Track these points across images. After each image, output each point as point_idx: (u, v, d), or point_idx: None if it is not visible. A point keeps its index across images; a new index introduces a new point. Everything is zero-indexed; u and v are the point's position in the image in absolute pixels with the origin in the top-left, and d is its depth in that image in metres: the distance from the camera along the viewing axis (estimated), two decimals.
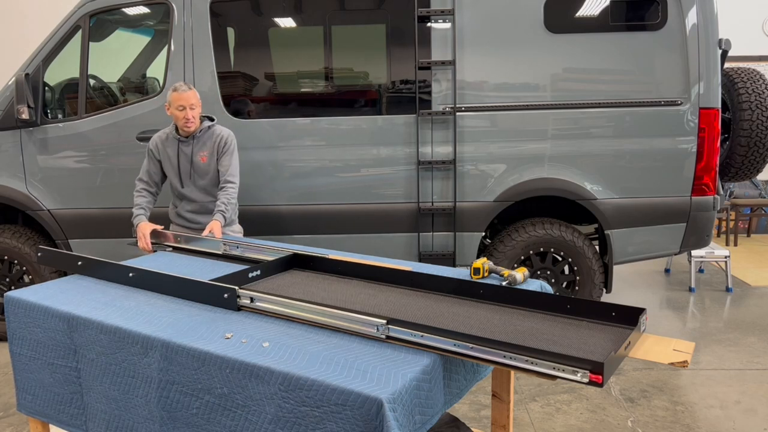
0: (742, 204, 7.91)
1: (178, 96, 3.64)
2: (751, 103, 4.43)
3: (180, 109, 3.65)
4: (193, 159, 3.78)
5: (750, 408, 3.61)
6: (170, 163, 3.82)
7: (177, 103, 3.64)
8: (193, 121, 3.69)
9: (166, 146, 3.81)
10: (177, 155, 3.79)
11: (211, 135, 3.81)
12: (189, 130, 3.71)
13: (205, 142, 3.79)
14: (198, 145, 3.78)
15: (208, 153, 3.78)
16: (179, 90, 3.65)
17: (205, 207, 3.84)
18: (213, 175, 3.81)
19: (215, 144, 3.79)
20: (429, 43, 4.27)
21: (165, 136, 3.84)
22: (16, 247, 4.58)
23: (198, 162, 3.79)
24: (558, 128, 4.29)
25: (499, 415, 2.70)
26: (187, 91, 3.64)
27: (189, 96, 3.64)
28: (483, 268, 2.63)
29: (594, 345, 1.97)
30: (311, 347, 1.92)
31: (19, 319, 2.45)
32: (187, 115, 3.65)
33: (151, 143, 3.84)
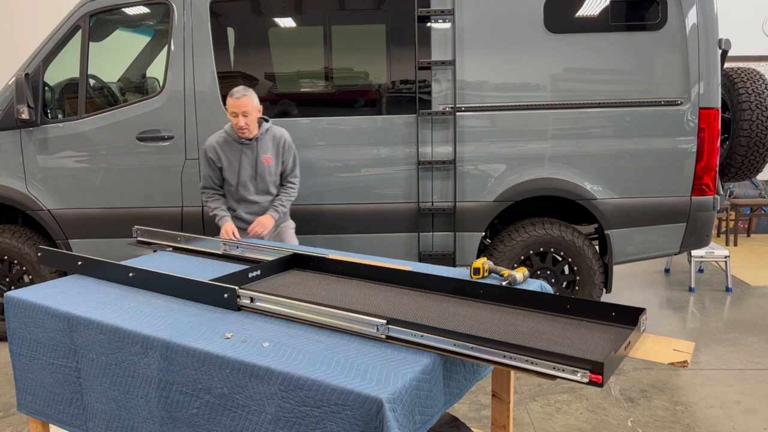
0: (742, 204, 7.91)
1: (232, 102, 3.56)
2: (751, 103, 4.43)
3: (233, 115, 3.59)
4: (257, 162, 3.74)
5: (750, 408, 3.61)
6: (232, 167, 3.74)
7: (231, 110, 3.58)
8: (246, 129, 3.62)
9: (226, 150, 3.72)
10: (240, 159, 3.72)
11: (271, 136, 3.78)
12: (243, 136, 3.66)
13: (267, 143, 3.76)
14: (262, 148, 3.74)
15: (273, 154, 3.77)
16: (234, 95, 3.55)
17: (264, 209, 3.83)
18: (276, 176, 3.83)
19: (278, 145, 3.79)
20: (429, 43, 4.27)
21: (222, 139, 3.74)
22: (16, 247, 4.58)
23: (263, 164, 3.75)
24: (558, 128, 4.29)
25: (499, 415, 2.70)
26: (242, 98, 3.54)
27: (242, 103, 3.54)
28: (483, 268, 2.63)
29: (594, 345, 1.97)
30: (311, 347, 1.92)
31: (19, 319, 2.45)
32: (240, 122, 3.58)
33: (208, 151, 3.75)
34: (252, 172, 3.75)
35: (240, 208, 3.82)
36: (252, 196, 3.79)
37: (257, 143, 3.73)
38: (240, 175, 3.74)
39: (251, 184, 3.77)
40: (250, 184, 3.77)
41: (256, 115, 3.65)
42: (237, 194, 3.80)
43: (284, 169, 3.87)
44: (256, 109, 3.64)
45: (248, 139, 3.71)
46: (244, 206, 3.82)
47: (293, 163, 3.89)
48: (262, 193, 3.82)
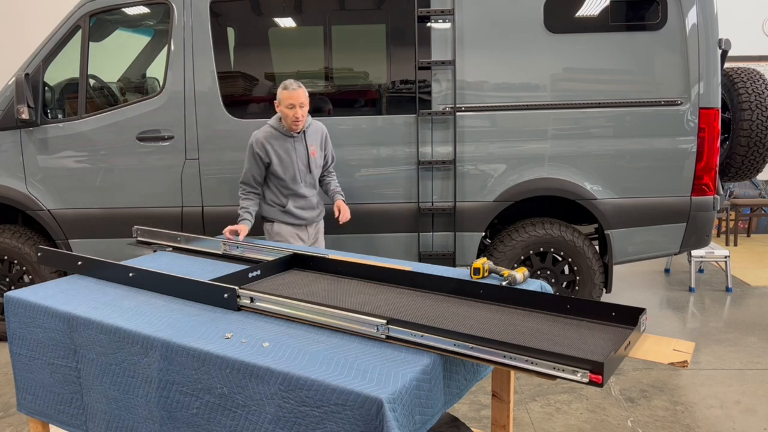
0: (742, 204, 7.91)
1: (288, 94, 3.55)
2: (751, 103, 4.43)
3: (290, 107, 3.57)
4: (307, 155, 3.75)
5: (750, 408, 3.61)
6: (282, 162, 3.70)
7: (287, 102, 3.56)
8: (302, 120, 3.62)
9: (275, 145, 3.68)
10: (290, 152, 3.70)
11: (315, 129, 3.81)
12: (297, 128, 3.64)
13: (313, 135, 3.78)
14: (309, 140, 3.76)
15: (318, 146, 3.80)
16: (289, 88, 3.55)
17: (311, 202, 3.84)
18: (320, 168, 3.86)
19: (321, 137, 3.82)
20: (429, 43, 4.27)
21: (270, 134, 3.69)
22: (16, 247, 4.58)
23: (311, 157, 3.76)
24: (558, 128, 4.29)
25: (499, 415, 2.70)
26: (297, 90, 3.55)
27: (299, 94, 3.55)
28: (483, 268, 2.63)
29: (594, 345, 1.97)
30: (311, 347, 1.92)
31: (19, 319, 2.45)
32: (297, 113, 3.57)
33: (255, 146, 3.67)
34: (301, 165, 3.74)
35: (290, 203, 3.79)
36: (302, 190, 3.77)
37: (304, 136, 3.74)
38: (290, 168, 3.72)
39: (300, 177, 3.75)
40: (300, 178, 3.75)
41: (308, 106, 3.65)
42: (287, 189, 3.77)
43: (326, 162, 3.92)
44: (308, 100, 3.65)
45: (296, 132, 3.70)
46: (293, 201, 3.79)
47: (333, 154, 3.96)
48: (310, 187, 3.82)
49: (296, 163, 3.72)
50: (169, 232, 3.29)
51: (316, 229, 3.96)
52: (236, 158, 4.38)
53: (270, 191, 3.82)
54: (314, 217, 3.89)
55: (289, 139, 3.70)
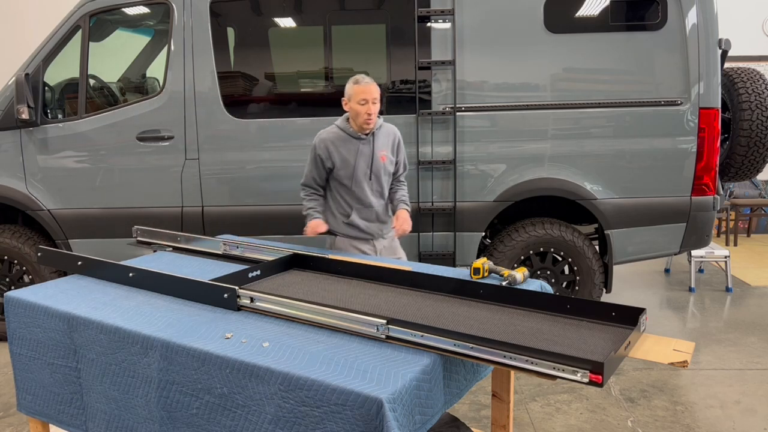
0: (742, 204, 7.91)
1: (360, 89, 3.22)
2: (751, 103, 4.43)
3: (362, 103, 3.22)
4: (374, 159, 3.37)
5: (750, 408, 3.61)
6: (347, 165, 3.34)
7: (359, 97, 3.22)
8: (374, 118, 3.28)
9: (340, 147, 3.33)
10: (356, 155, 3.34)
11: (386, 131, 3.44)
12: (369, 127, 3.29)
13: (382, 138, 3.41)
14: (378, 144, 3.38)
15: (388, 151, 3.43)
16: (361, 83, 3.23)
17: (376, 213, 3.44)
18: (389, 176, 3.46)
19: (392, 141, 3.46)
20: (429, 43, 4.27)
21: (335, 135, 3.36)
22: (16, 247, 4.58)
23: (379, 162, 3.38)
24: (558, 128, 4.29)
25: (499, 415, 2.70)
26: (370, 84, 3.23)
27: (372, 89, 3.22)
28: (483, 268, 2.63)
29: (594, 345, 1.97)
30: (311, 347, 1.92)
31: (19, 319, 2.45)
32: (370, 110, 3.23)
33: (319, 148, 3.35)
34: (367, 170, 3.37)
35: (354, 212, 3.40)
36: (367, 198, 3.39)
37: (373, 138, 3.37)
38: (355, 173, 3.35)
39: (366, 184, 3.37)
40: (366, 185, 3.38)
41: (379, 103, 3.31)
42: (352, 197, 3.39)
43: (397, 169, 3.52)
44: (379, 96, 3.30)
45: (365, 134, 3.35)
46: (357, 211, 3.40)
47: (405, 162, 3.57)
48: (377, 195, 3.43)
49: (363, 168, 3.35)
50: (169, 232, 3.29)
51: (385, 245, 3.51)
52: (236, 158, 4.38)
53: (333, 200, 3.45)
54: (381, 231, 3.47)
55: (357, 141, 3.34)
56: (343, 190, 3.39)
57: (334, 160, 3.34)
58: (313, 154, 3.39)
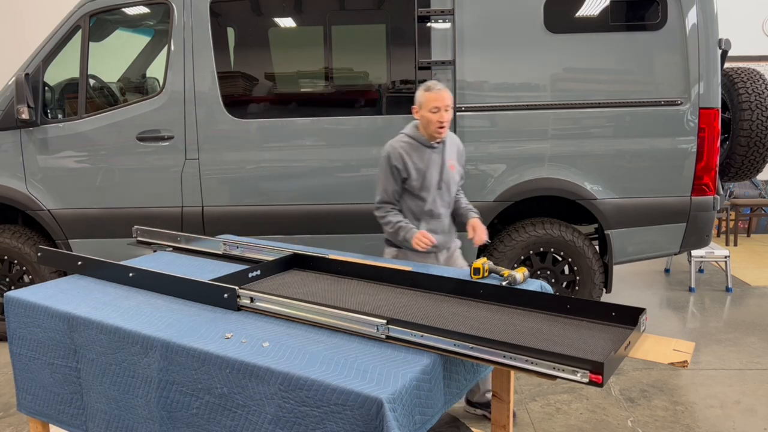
0: (742, 204, 7.91)
1: (432, 96, 3.09)
2: (751, 103, 4.43)
3: (434, 111, 3.10)
4: (444, 168, 3.25)
5: (750, 408, 3.61)
6: (420, 175, 3.20)
7: (431, 105, 3.09)
8: (446, 127, 3.14)
9: (413, 157, 3.19)
10: (428, 165, 3.21)
11: (452, 140, 3.34)
12: (440, 135, 3.16)
13: (451, 147, 3.31)
14: (447, 152, 3.27)
15: (455, 160, 3.32)
16: (433, 90, 3.10)
17: (445, 225, 3.32)
18: (457, 186, 3.35)
19: (457, 150, 3.36)
20: (429, 43, 4.27)
21: (407, 145, 3.21)
22: (16, 247, 4.58)
23: (449, 171, 3.27)
24: (558, 128, 4.29)
25: (499, 415, 2.70)
26: (442, 91, 3.10)
27: (444, 96, 3.09)
28: (483, 268, 2.63)
29: (594, 345, 1.97)
30: (311, 347, 1.92)
31: (19, 319, 2.45)
32: (442, 117, 3.10)
33: (393, 158, 3.18)
34: (439, 180, 3.24)
35: (423, 225, 3.26)
36: (437, 209, 3.26)
37: (443, 147, 3.26)
38: (428, 183, 3.22)
39: (437, 194, 3.25)
40: (437, 195, 3.25)
41: (452, 111, 3.18)
42: (423, 209, 3.25)
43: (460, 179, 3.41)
44: (452, 104, 3.17)
45: (439, 141, 3.22)
46: (427, 223, 3.27)
47: (463, 172, 3.44)
48: (446, 206, 3.31)
49: (435, 178, 3.23)
50: (169, 232, 3.29)
51: (448, 255, 3.39)
52: (236, 158, 4.38)
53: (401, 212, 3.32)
54: (447, 242, 3.36)
55: (428, 150, 3.22)
56: (413, 201, 3.25)
57: (408, 171, 3.19)
58: (387, 166, 3.21)
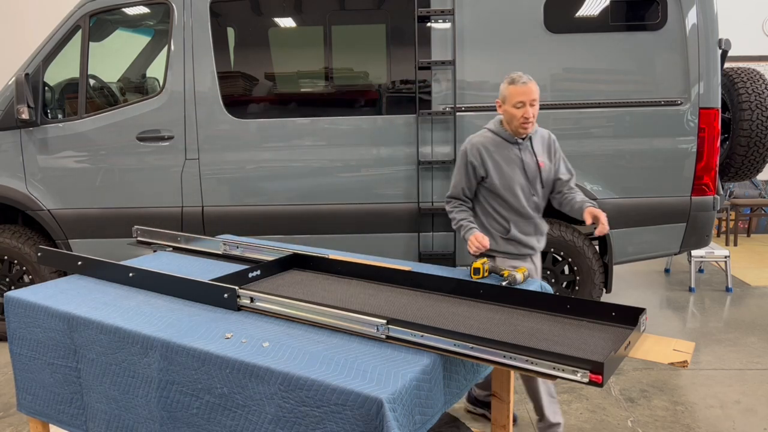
0: (742, 204, 7.91)
1: (516, 90, 2.86)
2: (751, 103, 4.43)
3: (518, 106, 2.88)
4: (533, 165, 3.03)
5: (750, 408, 3.61)
6: (503, 174, 2.99)
7: (515, 99, 2.87)
8: (532, 123, 2.93)
9: (494, 153, 3.00)
10: (514, 162, 3.00)
11: (541, 135, 3.10)
12: (526, 131, 2.95)
13: (539, 143, 3.07)
14: (537, 148, 3.04)
15: (545, 157, 3.06)
16: (517, 83, 2.87)
17: (535, 225, 3.08)
18: (549, 185, 3.10)
19: (548, 145, 3.09)
20: (429, 43, 4.27)
21: (489, 140, 3.03)
22: (16, 247, 4.58)
23: (536, 169, 3.03)
24: (558, 128, 4.28)
25: (499, 415, 2.70)
26: (527, 84, 2.86)
27: (530, 89, 2.86)
28: (483, 268, 2.63)
29: (594, 345, 1.97)
30: (311, 347, 1.92)
31: (19, 319, 2.45)
32: (527, 113, 2.88)
33: (471, 154, 3.02)
34: (525, 178, 3.02)
35: (513, 227, 3.03)
36: (527, 210, 3.03)
37: (531, 143, 3.03)
38: (512, 181, 3.01)
39: (523, 193, 3.02)
40: (522, 194, 3.02)
41: (538, 105, 2.95)
42: (509, 209, 3.03)
43: (558, 176, 3.11)
44: (538, 97, 2.93)
45: (524, 137, 3.00)
46: (515, 223, 3.04)
47: (569, 167, 3.15)
48: (534, 206, 3.07)
49: (520, 175, 3.01)
50: (169, 232, 3.29)
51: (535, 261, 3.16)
52: (236, 158, 4.38)
53: (486, 215, 3.09)
54: (539, 245, 3.13)
55: (513, 146, 3.00)
56: (498, 201, 3.04)
57: (487, 168, 3.00)
58: (463, 161, 3.05)
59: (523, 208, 3.03)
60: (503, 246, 3.05)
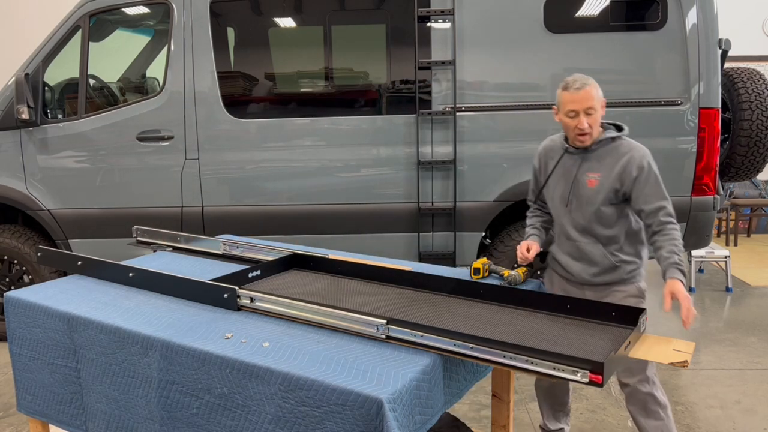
0: (742, 204, 7.90)
1: (569, 97, 2.51)
2: (751, 103, 4.43)
3: (571, 115, 2.52)
4: (577, 179, 2.63)
5: (750, 408, 3.61)
6: (554, 184, 2.73)
7: (567, 108, 2.53)
8: (589, 133, 2.53)
9: (549, 160, 2.76)
10: (568, 173, 2.67)
11: (612, 152, 2.59)
12: (584, 143, 2.58)
13: (601, 159, 2.60)
14: (589, 162, 2.61)
15: (602, 176, 2.58)
16: (570, 88, 2.51)
17: (581, 251, 2.66)
18: (600, 209, 2.59)
19: (621, 166, 2.55)
20: (429, 43, 4.27)
21: (557, 145, 2.76)
22: (16, 247, 4.58)
23: (583, 185, 2.61)
24: (558, 128, 4.27)
25: (499, 415, 2.70)
26: (581, 90, 2.49)
27: (583, 96, 2.49)
28: (483, 268, 2.63)
29: (594, 345, 1.97)
30: (311, 347, 1.92)
31: (19, 319, 2.45)
32: (582, 123, 2.51)
33: (536, 157, 2.84)
34: (566, 193, 2.66)
35: (556, 241, 2.79)
36: (568, 230, 2.69)
37: (584, 155, 2.62)
38: (551, 194, 2.73)
39: (563, 211, 2.70)
40: (562, 212, 2.70)
41: (600, 112, 2.56)
42: (557, 221, 2.77)
43: (639, 206, 2.56)
44: (600, 104, 2.56)
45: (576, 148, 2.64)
46: (559, 243, 2.77)
47: (658, 195, 2.57)
48: (580, 230, 2.65)
49: (562, 188, 2.68)
50: (169, 232, 3.29)
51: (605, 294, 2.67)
52: (236, 158, 4.38)
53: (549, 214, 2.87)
54: (587, 275, 2.66)
55: (573, 156, 2.65)
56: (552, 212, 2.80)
57: (545, 174, 2.77)
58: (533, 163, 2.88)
59: (564, 227, 2.71)
60: (551, 261, 2.82)
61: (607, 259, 2.63)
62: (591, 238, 2.65)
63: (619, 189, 2.57)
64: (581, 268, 2.68)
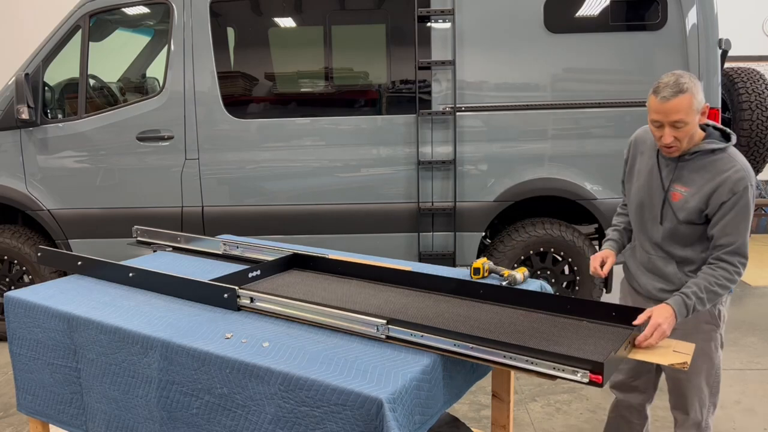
0: None
1: (656, 105, 2.17)
2: (751, 103, 4.43)
3: (656, 125, 2.22)
4: (661, 188, 2.36)
5: (750, 408, 3.61)
6: (636, 181, 2.47)
7: (651, 116, 2.21)
8: (676, 147, 2.22)
9: (639, 151, 2.49)
10: (652, 175, 2.39)
11: (709, 166, 2.26)
12: (669, 153, 2.28)
13: (694, 172, 2.28)
14: (681, 172, 2.31)
15: (689, 192, 2.28)
16: (659, 94, 2.15)
17: (653, 265, 2.43)
18: (677, 227, 2.33)
19: (711, 186, 2.23)
20: (429, 43, 4.27)
21: (647, 134, 2.47)
22: (16, 247, 4.58)
23: (668, 198, 2.34)
24: (558, 128, 4.29)
25: (499, 415, 2.70)
26: (670, 100, 2.12)
27: (671, 107, 2.12)
28: (483, 268, 2.63)
29: (594, 345, 1.97)
30: (311, 347, 1.92)
31: (19, 319, 2.45)
32: (666, 138, 2.19)
33: (628, 146, 2.56)
34: (645, 199, 2.41)
35: (632, 249, 2.56)
36: (642, 241, 2.47)
37: (678, 164, 2.31)
38: (637, 194, 2.45)
39: (639, 219, 2.46)
40: (638, 220, 2.47)
41: (695, 122, 2.18)
42: (633, 220, 2.52)
43: (713, 232, 2.26)
44: (696, 114, 2.16)
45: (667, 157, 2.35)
46: (633, 255, 2.55)
47: (735, 229, 2.23)
48: (654, 245, 2.42)
49: (646, 192, 2.41)
50: (169, 232, 3.29)
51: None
52: (236, 158, 4.38)
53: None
54: (653, 289, 2.44)
55: (664, 160, 2.36)
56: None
57: (631, 166, 2.51)
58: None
59: (638, 236, 2.48)
60: (625, 269, 2.61)
61: (679, 278, 2.37)
62: (664, 253, 2.40)
63: (704, 210, 2.26)
64: (648, 280, 2.46)
